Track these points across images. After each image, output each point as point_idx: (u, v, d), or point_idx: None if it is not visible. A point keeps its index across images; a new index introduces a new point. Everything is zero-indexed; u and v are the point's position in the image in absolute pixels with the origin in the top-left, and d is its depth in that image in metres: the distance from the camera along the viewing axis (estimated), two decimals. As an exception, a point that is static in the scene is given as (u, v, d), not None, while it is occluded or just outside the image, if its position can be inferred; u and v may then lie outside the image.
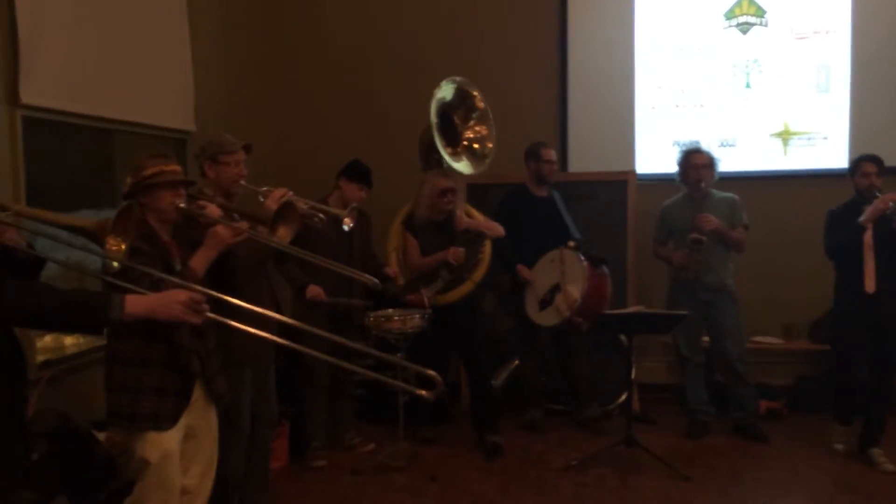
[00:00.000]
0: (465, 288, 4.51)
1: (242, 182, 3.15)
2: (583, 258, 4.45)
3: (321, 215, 3.24)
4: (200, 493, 2.79)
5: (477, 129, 4.72)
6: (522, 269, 4.66)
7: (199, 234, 2.75)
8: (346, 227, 3.50)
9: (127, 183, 2.64)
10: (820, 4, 5.31)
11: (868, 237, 3.93)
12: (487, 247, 4.65)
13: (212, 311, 2.43)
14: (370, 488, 3.94)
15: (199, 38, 4.85)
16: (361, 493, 3.89)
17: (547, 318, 4.55)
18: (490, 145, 4.71)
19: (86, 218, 2.34)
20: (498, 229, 4.57)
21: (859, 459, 4.11)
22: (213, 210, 2.73)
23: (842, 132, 5.30)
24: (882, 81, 5.25)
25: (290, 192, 3.04)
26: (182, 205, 2.64)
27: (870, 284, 3.94)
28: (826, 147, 5.28)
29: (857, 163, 4.13)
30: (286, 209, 2.89)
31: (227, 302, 2.78)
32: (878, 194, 3.95)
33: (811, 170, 5.31)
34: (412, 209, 4.59)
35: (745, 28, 5.41)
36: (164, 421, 2.56)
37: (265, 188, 3.07)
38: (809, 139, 5.35)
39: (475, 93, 4.69)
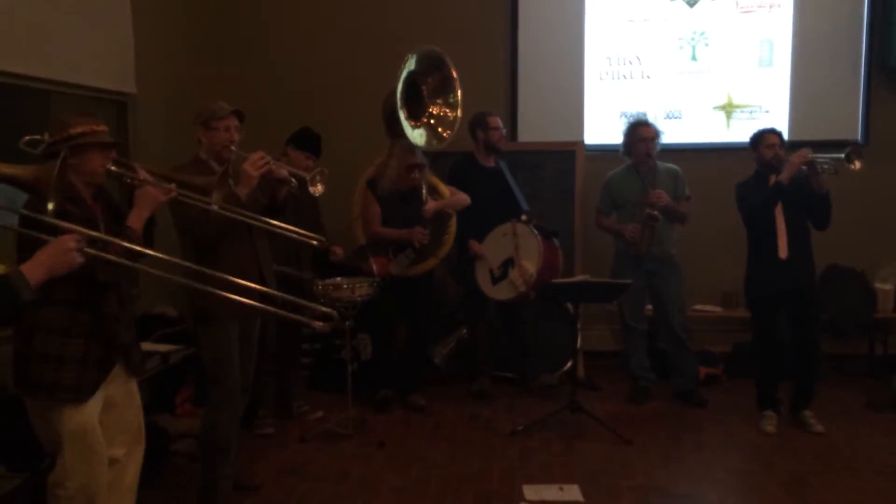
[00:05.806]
0: (430, 263, 4.57)
1: (233, 147, 3.17)
2: (536, 232, 4.47)
3: (294, 181, 3.27)
4: (131, 463, 2.71)
5: (443, 109, 4.66)
6: (474, 244, 4.65)
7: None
8: (314, 192, 3.44)
9: (45, 139, 2.44)
10: (765, -21, 5.39)
11: (778, 205, 4.05)
12: (453, 224, 4.65)
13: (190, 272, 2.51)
14: (318, 455, 3.95)
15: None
16: (310, 459, 3.89)
17: (501, 293, 4.57)
18: (448, 133, 4.65)
19: (17, 166, 2.22)
20: (463, 201, 4.58)
21: (791, 422, 4.26)
22: (142, 173, 2.62)
23: (783, 106, 5.43)
24: (822, 56, 5.38)
25: (267, 157, 3.13)
26: (112, 167, 2.52)
27: (783, 250, 4.07)
28: (767, 120, 5.38)
29: (761, 135, 4.23)
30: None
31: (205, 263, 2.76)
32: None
33: (753, 142, 5.43)
34: (376, 175, 4.52)
35: (692, 1, 5.47)
36: (85, 393, 2.46)
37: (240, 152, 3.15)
38: (751, 112, 5.47)
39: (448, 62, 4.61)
